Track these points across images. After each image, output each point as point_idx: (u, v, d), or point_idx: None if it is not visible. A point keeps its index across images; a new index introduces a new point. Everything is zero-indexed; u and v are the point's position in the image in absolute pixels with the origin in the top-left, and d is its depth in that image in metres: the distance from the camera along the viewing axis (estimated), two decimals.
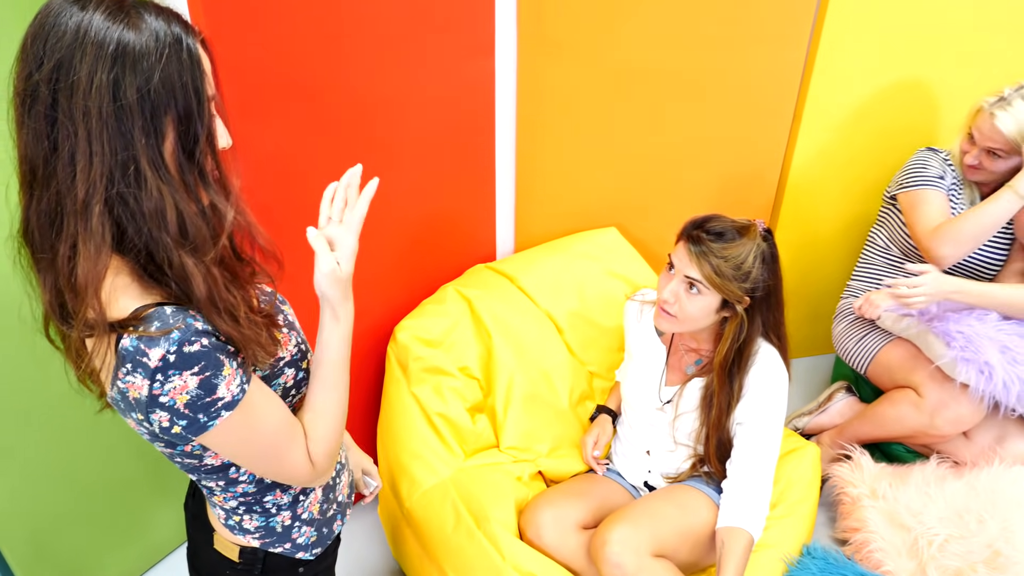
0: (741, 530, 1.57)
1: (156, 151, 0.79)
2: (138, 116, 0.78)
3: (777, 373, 1.65)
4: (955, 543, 1.79)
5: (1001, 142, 1.94)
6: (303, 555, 1.14)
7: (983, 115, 1.97)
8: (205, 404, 0.85)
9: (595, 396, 2.07)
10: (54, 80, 0.76)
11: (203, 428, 0.86)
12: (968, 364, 1.84)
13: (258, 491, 1.06)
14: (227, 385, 0.86)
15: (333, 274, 0.98)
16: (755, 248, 1.57)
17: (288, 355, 1.01)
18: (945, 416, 1.91)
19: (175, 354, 0.81)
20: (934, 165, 2.09)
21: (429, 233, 2.03)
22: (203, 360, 0.83)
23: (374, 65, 1.66)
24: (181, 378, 0.82)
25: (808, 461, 1.96)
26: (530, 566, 1.58)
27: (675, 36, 2.02)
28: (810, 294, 2.62)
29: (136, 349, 0.81)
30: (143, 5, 0.80)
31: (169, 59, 0.79)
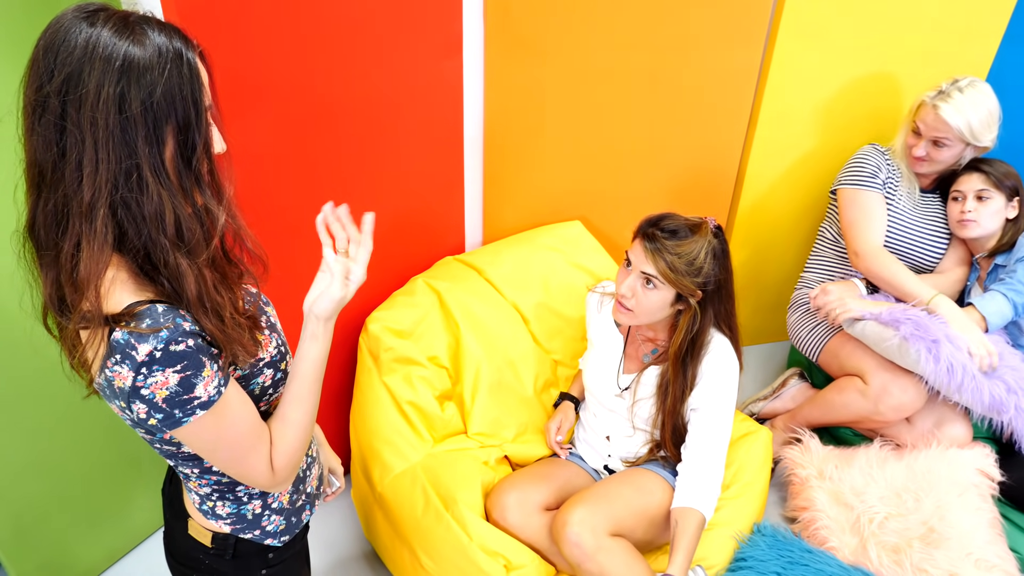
0: (693, 510, 1.67)
1: (157, 158, 0.85)
2: (141, 126, 0.83)
3: (728, 362, 1.75)
4: (894, 520, 1.91)
5: (946, 131, 2.08)
6: (272, 542, 1.20)
7: (926, 108, 2.11)
8: (182, 401, 0.90)
9: (559, 384, 2.16)
10: (64, 92, 0.81)
11: (177, 423, 0.92)
12: (917, 340, 1.93)
13: (231, 479, 1.11)
14: (205, 386, 0.91)
15: (342, 301, 1.04)
16: (706, 245, 1.66)
17: (268, 356, 1.07)
18: (888, 403, 2.02)
19: (161, 351, 0.87)
20: (871, 162, 2.22)
21: (400, 227, 2.09)
22: (186, 359, 0.89)
23: (344, 68, 1.72)
24: (164, 374, 0.88)
25: (760, 445, 2.06)
26: (495, 546, 1.67)
27: (637, 37, 2.09)
28: (767, 284, 2.73)
29: (126, 342, 0.87)
30: (147, 21, 0.85)
31: (171, 72, 0.84)
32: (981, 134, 2.07)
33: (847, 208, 2.23)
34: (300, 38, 1.60)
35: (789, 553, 1.87)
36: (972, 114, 2.05)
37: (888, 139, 2.46)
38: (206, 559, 1.18)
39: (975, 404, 1.93)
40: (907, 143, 2.19)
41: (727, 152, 2.40)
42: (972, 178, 2.13)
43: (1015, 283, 2.01)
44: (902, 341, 1.96)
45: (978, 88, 2.07)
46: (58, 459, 1.79)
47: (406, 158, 1.99)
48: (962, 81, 2.08)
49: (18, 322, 1.55)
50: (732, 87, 2.27)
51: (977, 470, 1.95)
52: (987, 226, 2.11)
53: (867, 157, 2.24)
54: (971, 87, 2.07)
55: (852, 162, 2.27)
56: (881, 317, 2.03)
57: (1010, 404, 1.90)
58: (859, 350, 2.12)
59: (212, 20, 1.43)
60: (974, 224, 2.11)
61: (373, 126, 1.86)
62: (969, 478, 1.93)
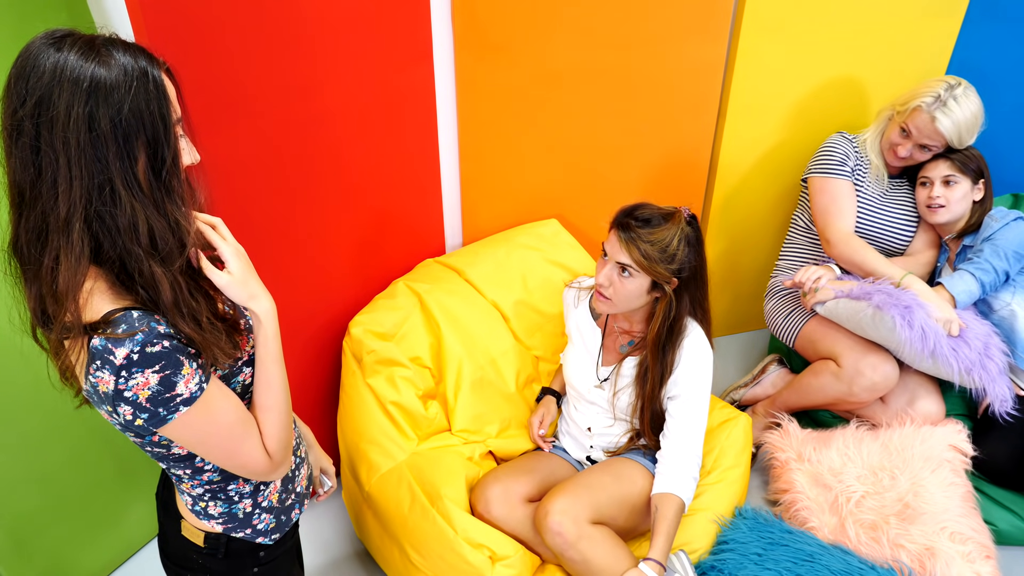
0: (673, 495, 1.72)
1: (129, 173, 0.90)
2: (112, 143, 0.88)
3: (703, 349, 1.79)
4: (870, 499, 1.96)
5: (938, 140, 2.13)
6: (262, 540, 1.24)
7: (921, 115, 2.12)
8: (165, 399, 0.95)
9: (541, 379, 2.20)
10: (36, 115, 0.86)
11: (163, 421, 0.96)
12: (891, 309, 1.98)
13: (222, 479, 1.15)
14: (185, 383, 0.96)
15: (230, 284, 1.05)
16: (680, 232, 1.70)
17: (246, 355, 1.11)
18: (861, 383, 2.07)
19: (138, 354, 0.91)
20: (839, 150, 2.27)
21: (379, 231, 2.13)
22: (163, 360, 0.93)
23: (314, 78, 1.75)
24: (143, 375, 0.92)
25: (740, 430, 2.11)
26: (480, 538, 1.71)
27: (604, 35, 2.14)
28: (745, 274, 2.78)
29: (104, 348, 0.91)
30: (112, 43, 0.90)
31: (137, 91, 0.89)
32: (967, 139, 2.13)
33: (817, 196, 2.28)
34: (269, 50, 1.64)
35: (770, 534, 1.91)
36: (964, 124, 2.09)
37: (856, 126, 2.51)
38: (199, 559, 1.21)
39: (947, 368, 1.97)
40: (891, 140, 2.22)
41: (698, 145, 2.45)
42: (939, 164, 2.17)
43: (982, 262, 2.06)
44: (875, 311, 2.01)
45: (970, 96, 2.11)
46: (54, 469, 1.83)
47: (382, 164, 2.03)
48: (957, 89, 2.10)
49: (9, 334, 1.59)
50: (699, 81, 2.31)
51: (950, 446, 2.00)
52: (955, 210, 2.16)
53: (835, 146, 2.29)
54: (965, 96, 2.10)
55: (821, 151, 2.32)
56: (852, 293, 2.08)
57: (976, 363, 1.95)
58: (832, 334, 2.16)
59: (181, 33, 1.46)
60: (943, 209, 2.16)
61: (346, 134, 1.90)
62: (942, 454, 1.98)
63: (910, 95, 2.17)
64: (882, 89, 2.47)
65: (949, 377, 2.00)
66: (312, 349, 2.08)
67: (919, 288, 2.05)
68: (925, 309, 1.98)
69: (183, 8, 1.44)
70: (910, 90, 2.19)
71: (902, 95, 2.22)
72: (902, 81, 2.46)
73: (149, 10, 1.39)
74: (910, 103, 2.15)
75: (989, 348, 1.99)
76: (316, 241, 1.96)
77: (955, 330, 1.98)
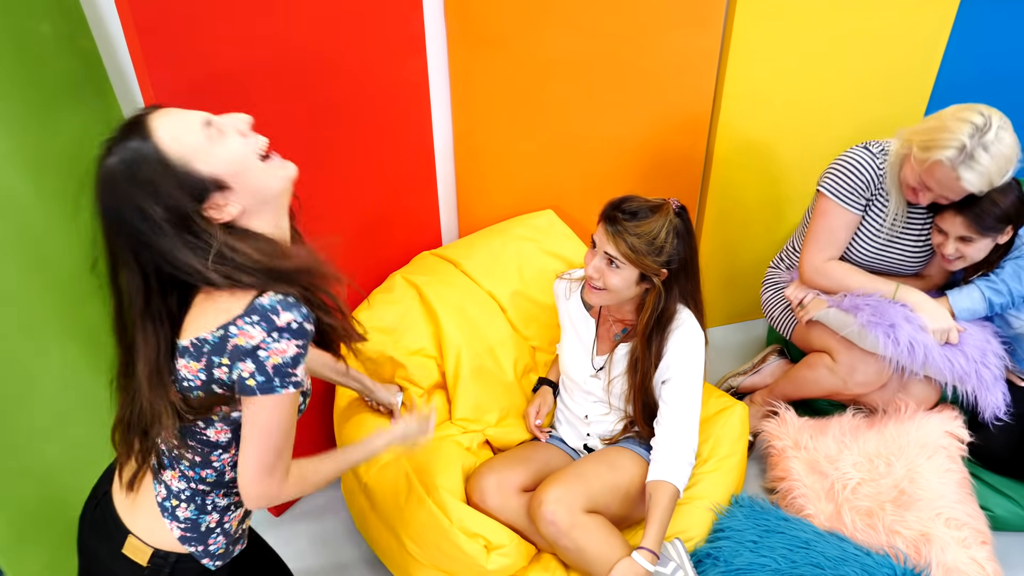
0: (667, 483, 1.73)
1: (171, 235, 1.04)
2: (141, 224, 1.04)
3: (694, 335, 1.80)
4: (866, 486, 1.96)
5: (964, 194, 1.83)
6: (207, 562, 1.21)
7: (943, 170, 1.79)
8: (286, 373, 1.03)
9: (538, 369, 2.21)
10: None
11: (272, 390, 1.04)
12: (875, 327, 1.97)
13: (212, 484, 1.17)
14: (302, 368, 1.06)
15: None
16: (668, 224, 1.70)
17: (306, 385, 1.15)
18: (856, 379, 2.06)
19: (299, 324, 1.02)
20: (863, 177, 2.01)
21: (376, 225, 2.14)
22: (306, 340, 1.04)
23: (305, 73, 1.76)
24: (289, 343, 1.02)
25: (736, 419, 2.11)
26: (475, 527, 1.72)
27: (596, 25, 2.13)
28: (743, 263, 2.77)
29: (272, 307, 1.01)
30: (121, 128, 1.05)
31: (133, 177, 1.03)
32: (998, 183, 1.80)
33: (817, 217, 2.11)
34: (260, 45, 1.64)
35: (766, 522, 1.92)
36: (995, 173, 1.77)
37: (855, 111, 2.49)
38: None
39: (940, 377, 1.98)
40: (907, 182, 1.93)
41: (694, 134, 2.45)
42: (956, 221, 1.90)
43: (998, 282, 1.96)
44: (860, 328, 2.00)
45: (1002, 140, 1.76)
46: (55, 465, 1.84)
47: (376, 159, 2.04)
48: (988, 134, 1.74)
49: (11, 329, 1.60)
50: (694, 70, 2.31)
51: (945, 432, 2.00)
52: (973, 259, 1.97)
53: (861, 170, 2.01)
54: (996, 141, 1.75)
55: (843, 168, 2.04)
56: (842, 304, 2.06)
57: (971, 373, 1.94)
58: (828, 329, 2.15)
59: (170, 29, 1.47)
60: (959, 261, 1.98)
61: (340, 128, 1.90)
62: (938, 440, 1.98)
63: (930, 138, 1.81)
64: (879, 75, 2.46)
65: (941, 381, 2.00)
66: None
67: (914, 299, 2.00)
68: (914, 323, 1.95)
69: (172, 4, 1.45)
70: (930, 126, 1.84)
71: (920, 130, 1.87)
72: (899, 68, 2.44)
73: (139, 8, 1.40)
74: (929, 154, 1.80)
75: (986, 355, 1.97)
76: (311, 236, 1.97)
77: (954, 338, 1.96)
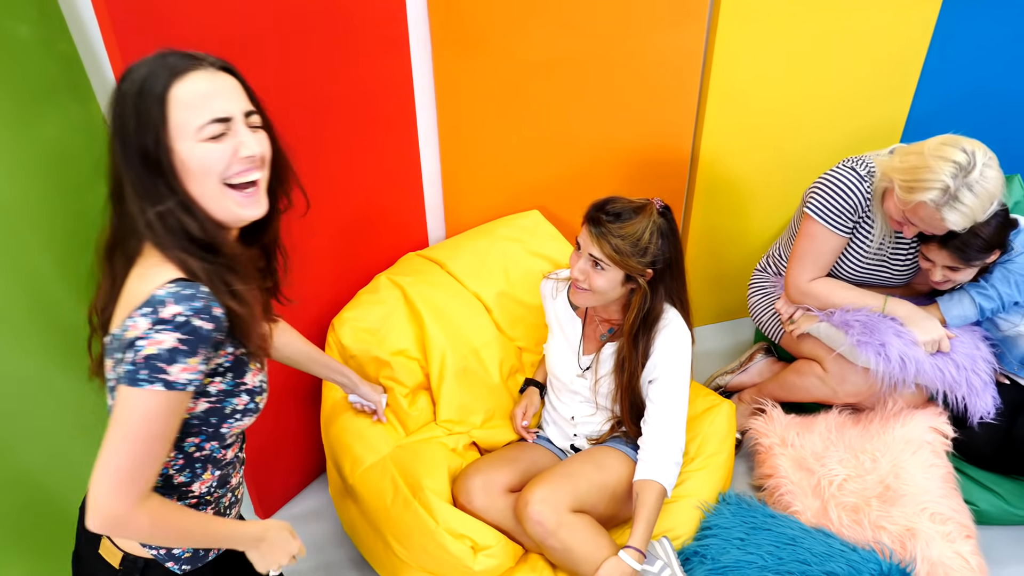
0: (653, 482, 1.73)
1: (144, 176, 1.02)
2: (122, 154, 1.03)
3: (680, 335, 1.80)
4: (852, 482, 1.97)
5: (944, 231, 1.83)
6: (172, 566, 1.18)
7: (927, 210, 1.77)
8: (156, 367, 0.96)
9: (525, 370, 2.21)
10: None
11: (135, 382, 0.97)
12: (866, 347, 1.98)
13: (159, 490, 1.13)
14: (182, 370, 0.97)
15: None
16: (651, 225, 1.71)
17: (251, 383, 1.13)
18: (846, 388, 2.07)
19: (185, 318, 0.96)
20: (851, 200, 1.98)
21: (362, 227, 2.14)
22: (193, 337, 0.97)
23: (288, 74, 1.75)
24: (169, 335, 0.95)
25: (723, 417, 2.12)
26: (462, 528, 1.72)
27: (581, 25, 2.14)
28: (730, 262, 2.78)
29: (162, 300, 0.97)
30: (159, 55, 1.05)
31: (130, 104, 1.02)
32: (981, 218, 1.79)
33: (803, 238, 2.09)
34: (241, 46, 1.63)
35: (753, 519, 1.92)
36: (980, 212, 1.76)
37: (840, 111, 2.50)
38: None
39: (931, 385, 2.00)
40: (890, 214, 1.92)
41: (679, 133, 2.45)
42: (941, 254, 1.91)
43: (988, 288, 1.98)
44: (852, 348, 2.01)
45: (987, 177, 1.74)
46: (38, 470, 1.83)
47: (361, 159, 2.03)
48: (972, 173, 1.72)
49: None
50: (678, 69, 2.31)
51: (930, 428, 2.01)
52: (962, 281, 1.99)
53: (849, 193, 1.97)
54: (981, 179, 1.73)
55: (829, 190, 2.00)
56: (833, 319, 2.07)
57: (962, 381, 1.96)
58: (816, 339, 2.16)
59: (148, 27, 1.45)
60: (948, 284, 1.99)
61: (324, 130, 1.90)
62: (922, 436, 1.99)
63: (912, 179, 1.78)
64: (864, 75, 2.46)
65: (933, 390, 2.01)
66: None
67: (903, 312, 2.01)
68: (904, 338, 1.96)
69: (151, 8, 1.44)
70: (911, 165, 1.80)
71: (901, 168, 1.83)
72: (883, 67, 2.45)
73: (117, 11, 1.39)
74: (913, 196, 1.77)
75: (976, 362, 1.99)
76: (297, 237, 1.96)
77: (945, 347, 1.97)
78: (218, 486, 1.22)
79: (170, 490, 1.15)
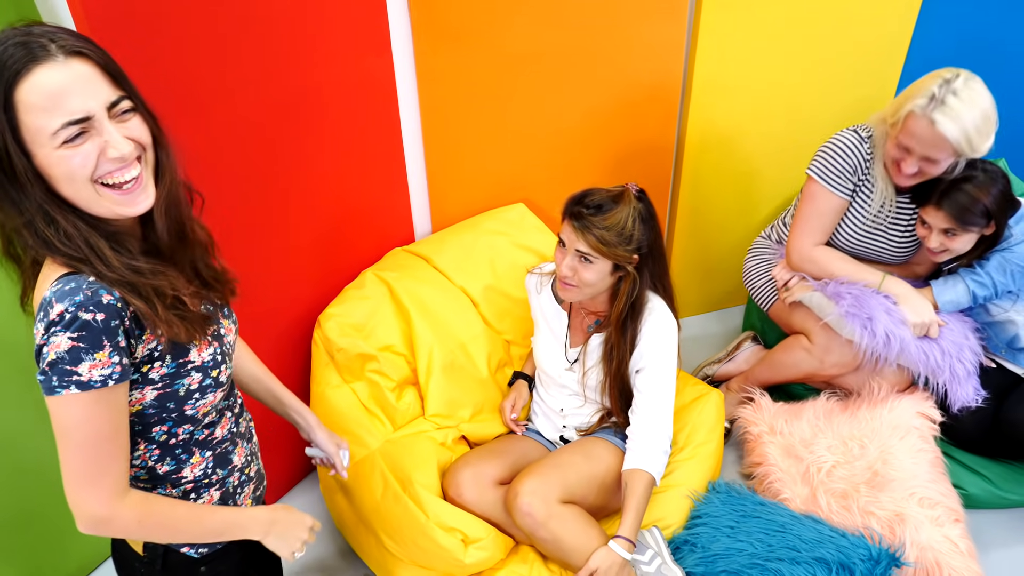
0: (642, 471, 1.73)
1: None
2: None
3: (667, 322, 1.80)
4: (841, 468, 1.98)
5: (943, 147, 1.81)
6: (188, 551, 1.17)
7: (917, 120, 1.81)
8: (63, 370, 0.91)
9: (514, 363, 2.21)
10: None
11: (50, 390, 0.92)
12: (853, 319, 1.99)
13: (148, 482, 1.11)
14: (91, 367, 0.92)
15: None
16: (632, 211, 1.70)
17: (199, 360, 1.07)
18: (831, 359, 2.08)
19: (71, 314, 0.90)
20: (851, 159, 2.02)
21: (346, 223, 2.13)
22: (86, 331, 0.91)
23: (270, 72, 1.74)
24: (61, 336, 0.90)
25: (712, 406, 2.12)
26: (452, 522, 1.72)
27: (562, 17, 2.13)
28: (717, 252, 2.78)
29: (48, 301, 0.92)
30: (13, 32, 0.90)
31: None
32: (979, 144, 1.81)
33: (806, 202, 2.11)
34: (220, 43, 1.62)
35: (742, 507, 1.93)
36: (970, 121, 1.78)
37: (826, 96, 2.50)
38: (140, 568, 1.17)
39: (913, 367, 2.01)
40: (892, 156, 1.93)
41: (664, 124, 2.45)
42: (939, 216, 1.91)
43: (983, 275, 1.98)
44: (839, 318, 2.02)
45: (972, 88, 1.80)
46: (31, 468, 1.82)
47: (344, 156, 2.02)
48: (955, 81, 1.80)
49: None
50: (661, 59, 2.31)
51: (917, 413, 2.02)
52: (958, 251, 1.97)
53: (849, 152, 2.02)
54: (966, 88, 1.79)
55: (831, 151, 2.05)
56: (826, 289, 2.08)
57: (945, 367, 1.97)
58: (807, 308, 2.17)
59: (125, 23, 1.44)
60: (945, 254, 1.98)
61: (307, 126, 1.89)
62: (910, 421, 2.00)
63: (900, 101, 1.87)
64: (849, 58, 2.46)
65: (916, 372, 2.02)
66: (282, 342, 2.08)
67: (898, 291, 2.02)
68: (892, 315, 1.97)
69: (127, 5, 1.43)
70: (900, 96, 1.90)
71: (891, 104, 1.92)
72: (869, 51, 2.46)
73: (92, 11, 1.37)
74: (901, 111, 1.84)
75: (962, 351, 2.00)
76: (281, 235, 1.95)
77: (934, 332, 1.98)
78: (216, 466, 1.17)
79: (159, 481, 1.12)
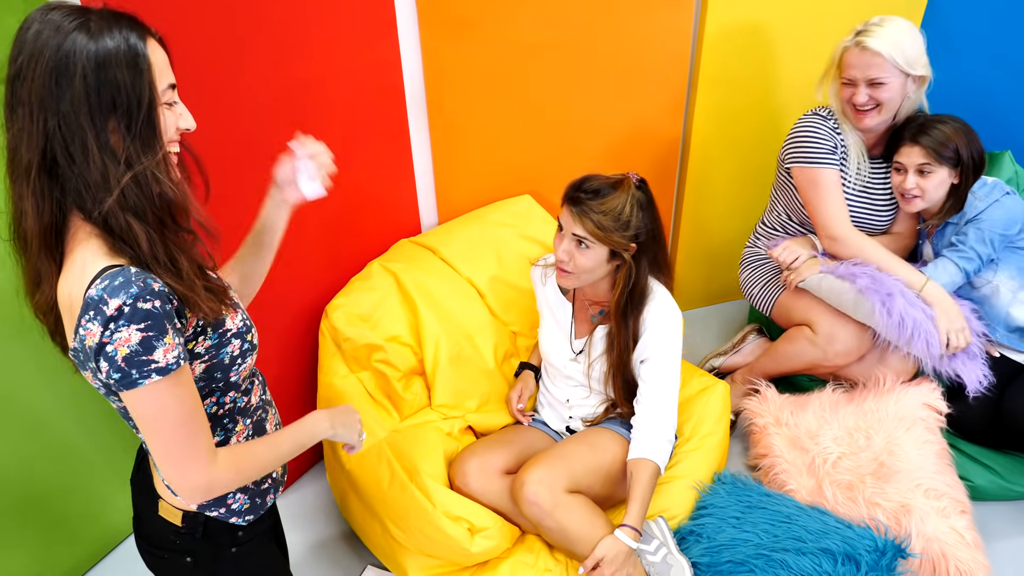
0: (647, 460, 1.73)
1: (103, 131, 0.94)
2: (83, 105, 0.92)
3: (670, 311, 1.80)
4: (847, 459, 1.98)
5: (880, 65, 1.95)
6: (236, 520, 1.22)
7: (849, 51, 2.00)
8: (140, 362, 0.94)
9: (520, 354, 2.21)
10: (17, 77, 0.93)
11: (133, 384, 0.95)
12: (872, 294, 1.98)
13: None
14: (165, 352, 0.96)
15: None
16: (630, 198, 1.70)
17: (235, 327, 1.12)
18: (835, 348, 2.08)
19: (130, 306, 0.93)
20: (825, 136, 2.10)
21: (353, 214, 2.13)
22: (151, 319, 0.94)
23: (275, 57, 1.74)
24: (128, 330, 0.93)
25: (717, 398, 2.13)
26: (458, 511, 1.73)
27: (569, 6, 2.13)
28: (722, 244, 2.78)
29: (100, 298, 0.93)
30: (102, 15, 0.95)
31: (110, 63, 0.93)
32: (915, 59, 1.96)
33: (808, 189, 2.13)
34: (229, 33, 1.63)
35: (748, 498, 1.93)
36: (895, 34, 1.94)
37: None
38: (177, 539, 1.21)
39: (923, 356, 1.99)
40: (843, 97, 2.06)
41: (670, 115, 2.45)
42: (913, 151, 2.02)
43: (967, 250, 2.01)
44: (857, 294, 2.01)
45: (894, 20, 1.99)
46: (36, 462, 1.83)
47: (351, 145, 2.02)
48: (874, 19, 1.99)
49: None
50: (668, 49, 2.31)
51: (923, 404, 2.02)
52: (931, 198, 2.04)
53: (817, 129, 2.11)
54: (887, 20, 1.98)
55: (802, 136, 2.13)
56: (837, 271, 2.07)
57: (955, 358, 1.97)
58: (807, 302, 2.16)
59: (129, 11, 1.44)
60: (918, 200, 2.04)
61: (312, 116, 1.89)
62: (916, 412, 2.00)
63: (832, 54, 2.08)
64: None
65: (925, 361, 2.01)
66: (289, 332, 2.08)
67: (938, 296, 2.00)
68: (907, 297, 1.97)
69: None
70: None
71: (826, 64, 2.11)
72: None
73: None
74: (835, 55, 2.05)
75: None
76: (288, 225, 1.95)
77: (962, 342, 1.96)
78: (255, 433, 1.23)
79: None
